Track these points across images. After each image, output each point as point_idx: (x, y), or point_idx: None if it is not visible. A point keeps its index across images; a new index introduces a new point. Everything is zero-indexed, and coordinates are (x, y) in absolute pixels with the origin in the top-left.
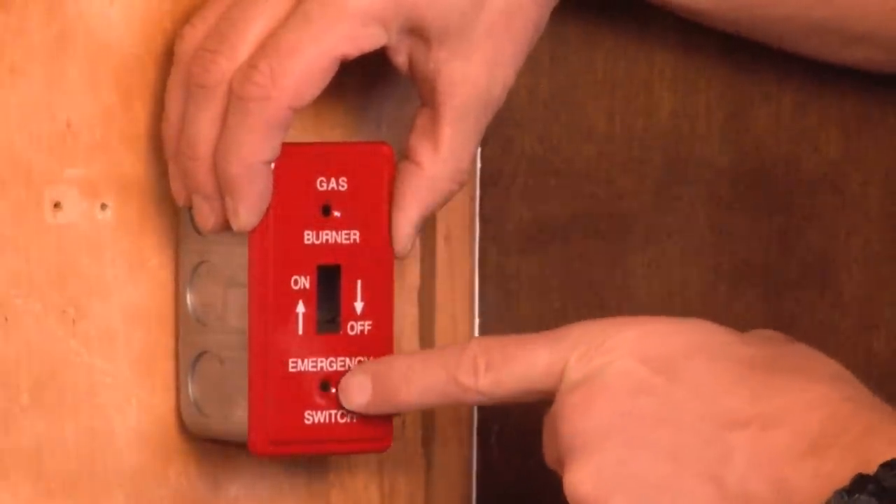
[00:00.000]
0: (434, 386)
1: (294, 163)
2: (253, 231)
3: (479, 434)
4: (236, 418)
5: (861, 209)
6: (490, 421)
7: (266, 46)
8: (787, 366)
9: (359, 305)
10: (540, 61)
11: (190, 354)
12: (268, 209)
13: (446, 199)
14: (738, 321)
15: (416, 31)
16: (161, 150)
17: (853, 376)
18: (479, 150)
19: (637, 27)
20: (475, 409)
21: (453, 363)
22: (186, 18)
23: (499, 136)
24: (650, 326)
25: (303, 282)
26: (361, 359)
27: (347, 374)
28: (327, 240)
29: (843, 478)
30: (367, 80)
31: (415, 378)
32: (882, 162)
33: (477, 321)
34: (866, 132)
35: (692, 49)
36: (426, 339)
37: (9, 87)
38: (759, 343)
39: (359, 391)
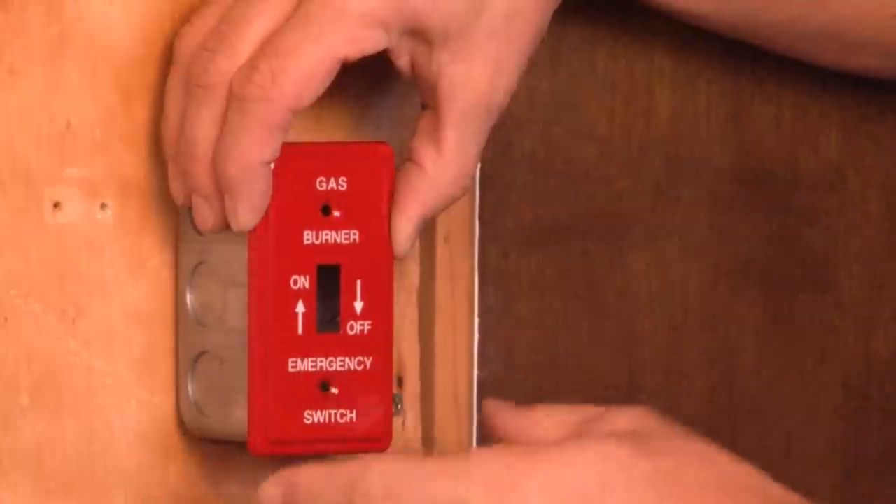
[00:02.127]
0: None
1: (294, 163)
2: (252, 231)
3: (478, 435)
4: (236, 418)
5: (861, 209)
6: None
7: (266, 47)
8: (694, 483)
9: (358, 305)
10: (540, 62)
11: (190, 354)
12: (268, 209)
13: (448, 203)
14: (739, 321)
15: (418, 34)
16: (161, 151)
17: (755, 472)
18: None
19: (637, 28)
20: (475, 393)
21: (350, 486)
22: (186, 18)
23: (498, 137)
24: (557, 468)
25: (302, 281)
26: (362, 358)
27: (265, 484)
28: (327, 240)
29: None
30: (367, 81)
31: (315, 495)
32: (882, 162)
33: (476, 322)
34: (866, 133)
35: (692, 50)
36: (426, 339)
37: (8, 88)
38: (657, 453)
39: (269, 496)
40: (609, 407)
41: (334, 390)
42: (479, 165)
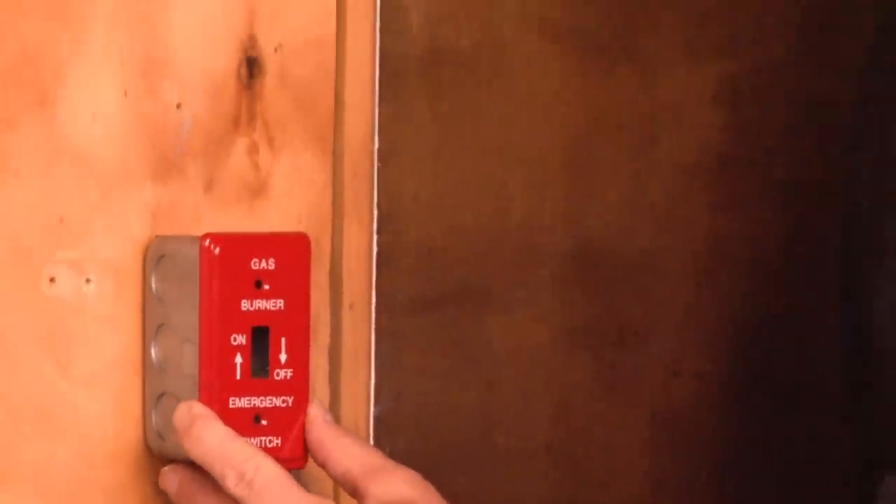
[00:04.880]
0: None
1: (235, 248)
2: (202, 301)
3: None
4: None
5: (669, 285)
6: (383, 443)
7: None
8: None
9: (283, 357)
10: (423, 172)
11: (153, 394)
12: (213, 283)
13: None
14: (572, 371)
15: None
16: (134, 242)
17: None
18: (376, 236)
19: (495, 147)
20: (371, 425)
21: (235, 466)
22: (161, 126)
23: (390, 229)
24: None
25: (240, 339)
26: (286, 398)
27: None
28: (259, 307)
29: None
30: None
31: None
32: (682, 252)
33: (373, 370)
34: (671, 228)
35: (538, 164)
36: (334, 383)
37: (14, 188)
38: None
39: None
40: (386, 461)
41: (264, 422)
42: (374, 247)
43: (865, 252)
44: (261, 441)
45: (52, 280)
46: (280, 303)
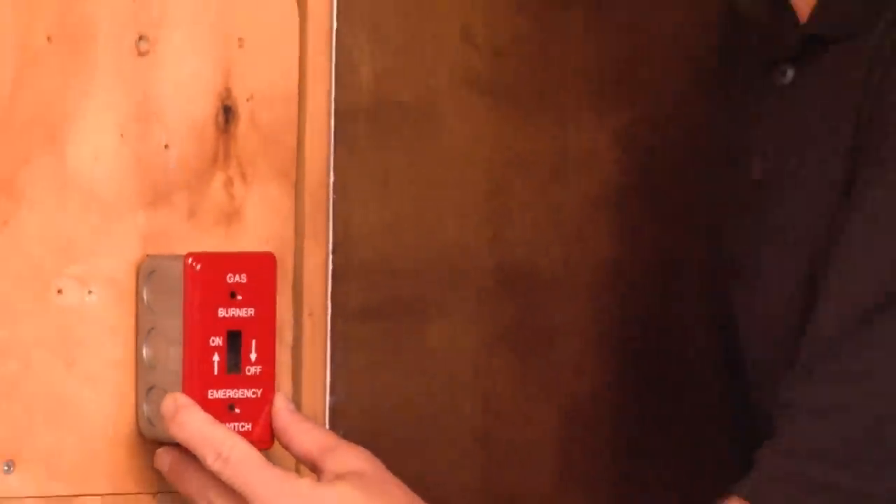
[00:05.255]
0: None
1: (213, 265)
2: (185, 309)
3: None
4: None
5: (576, 297)
6: (337, 427)
7: None
8: None
9: (253, 356)
10: (370, 203)
11: (144, 387)
12: (195, 294)
13: None
14: (496, 371)
15: None
16: (129, 255)
17: None
18: (332, 255)
19: (430, 182)
20: (327, 413)
21: (214, 448)
22: (152, 163)
23: (343, 250)
24: (316, 499)
25: (217, 341)
26: (255, 390)
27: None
28: (233, 314)
29: None
30: None
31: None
32: (590, 266)
33: (329, 368)
34: (579, 249)
35: (466, 196)
36: (296, 378)
37: (30, 214)
38: (375, 492)
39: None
40: (340, 442)
41: (237, 410)
42: (329, 263)
43: (727, 269)
44: (235, 426)
45: (59, 291)
46: (251, 311)
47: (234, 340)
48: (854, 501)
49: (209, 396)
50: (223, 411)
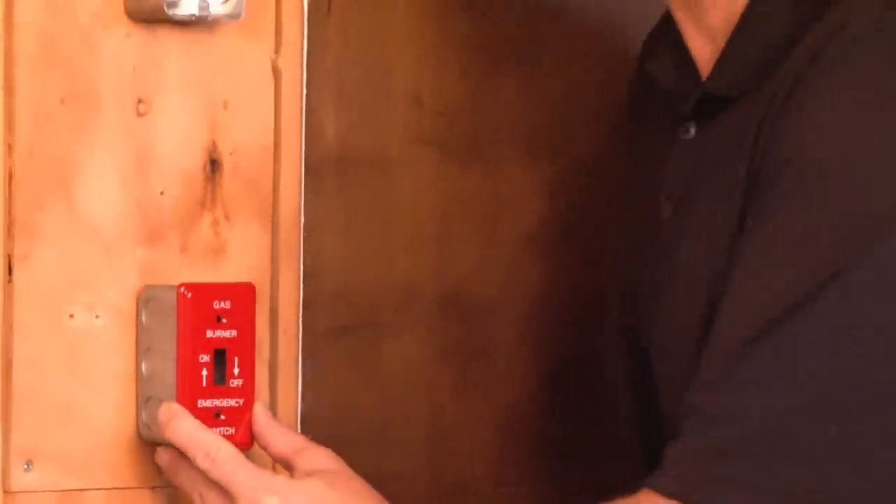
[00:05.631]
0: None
1: (202, 293)
2: (178, 331)
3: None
4: None
5: (509, 319)
6: (307, 431)
7: None
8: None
9: (236, 371)
10: (335, 240)
11: (143, 397)
12: (186, 318)
13: None
14: (442, 381)
15: None
16: (130, 284)
17: None
18: (303, 284)
19: (386, 222)
20: (298, 419)
21: (203, 450)
22: (149, 206)
23: (313, 279)
24: (292, 493)
25: (205, 358)
26: (238, 400)
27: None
28: (219, 335)
29: None
30: None
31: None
32: (521, 293)
33: (300, 380)
34: (513, 277)
35: (416, 234)
36: (272, 389)
37: (45, 250)
38: (340, 487)
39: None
40: (310, 444)
41: (222, 417)
42: (301, 290)
43: (642, 293)
44: (220, 430)
45: (71, 316)
46: (234, 332)
47: (220, 357)
48: (753, 491)
49: (198, 405)
50: (210, 418)
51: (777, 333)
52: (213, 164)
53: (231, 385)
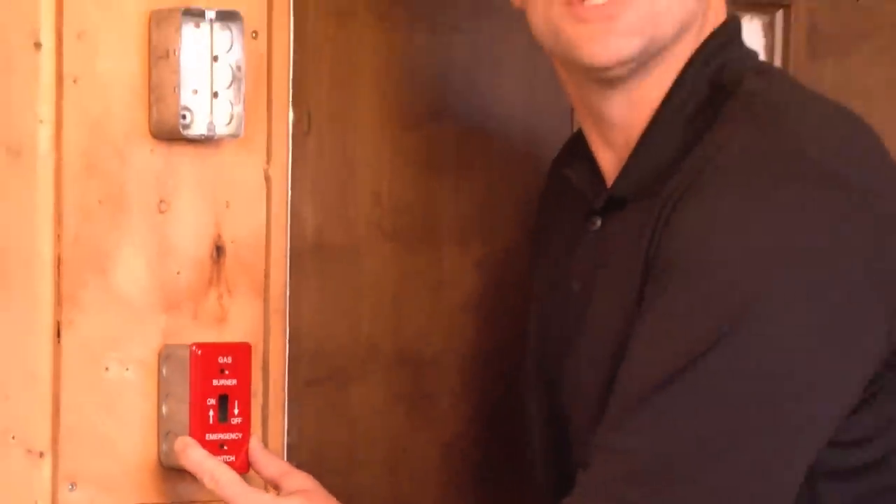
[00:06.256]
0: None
1: (209, 351)
2: (191, 381)
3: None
4: None
5: (449, 369)
6: (291, 459)
7: None
8: None
9: (236, 411)
10: (312, 309)
11: (163, 432)
12: (197, 371)
13: None
14: (397, 418)
15: None
16: (153, 344)
17: None
18: (288, 344)
19: (353, 296)
20: (285, 449)
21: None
22: (169, 284)
23: (296, 339)
24: None
25: (212, 401)
26: (237, 434)
27: (179, 439)
28: (223, 384)
29: None
30: None
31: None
32: (459, 349)
33: (286, 419)
34: (454, 336)
35: (376, 303)
36: (264, 426)
37: (86, 319)
38: None
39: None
40: (293, 469)
41: (225, 447)
42: (286, 349)
43: (557, 353)
44: (223, 458)
45: (107, 369)
46: (234, 381)
47: (224, 401)
48: None
49: (206, 438)
50: (216, 448)
51: (664, 391)
52: (219, 251)
53: (232, 422)
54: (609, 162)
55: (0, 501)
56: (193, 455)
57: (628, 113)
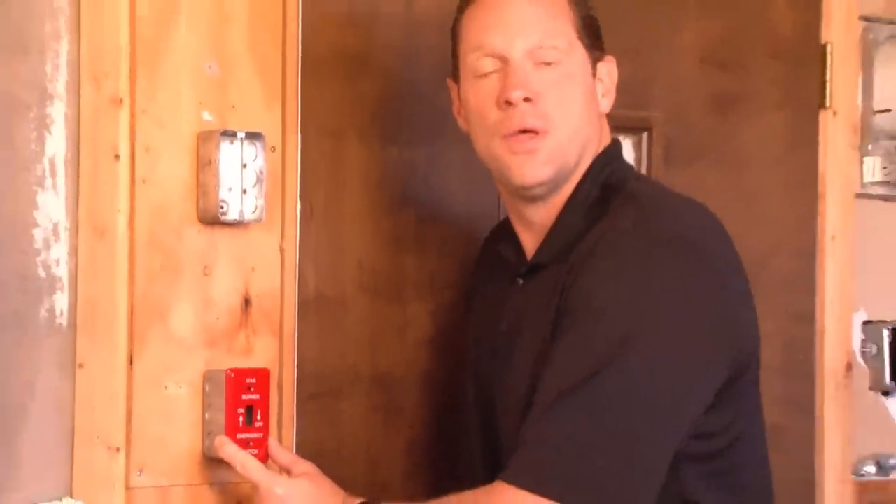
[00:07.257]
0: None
1: (240, 375)
2: (226, 397)
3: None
4: None
5: (415, 390)
6: (299, 452)
7: None
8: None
9: (258, 417)
10: (314, 349)
11: (206, 432)
12: (230, 389)
13: None
14: (376, 428)
15: None
16: (199, 369)
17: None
18: (297, 371)
19: (343, 338)
20: (294, 446)
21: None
22: (210, 328)
23: (301, 368)
24: (296, 487)
25: (241, 410)
26: (260, 434)
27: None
28: (249, 398)
29: None
30: None
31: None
32: (417, 375)
33: (295, 424)
34: (415, 364)
35: (359, 342)
36: (279, 428)
37: (150, 355)
38: (320, 485)
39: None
40: (300, 459)
41: (251, 444)
42: (295, 372)
43: (491, 378)
44: (250, 451)
45: (166, 388)
46: (258, 396)
47: (250, 410)
48: (565, 485)
49: (237, 437)
50: (244, 444)
51: (569, 397)
52: (247, 303)
53: (256, 426)
54: (529, 241)
55: (89, 484)
56: (228, 449)
57: (545, 214)
